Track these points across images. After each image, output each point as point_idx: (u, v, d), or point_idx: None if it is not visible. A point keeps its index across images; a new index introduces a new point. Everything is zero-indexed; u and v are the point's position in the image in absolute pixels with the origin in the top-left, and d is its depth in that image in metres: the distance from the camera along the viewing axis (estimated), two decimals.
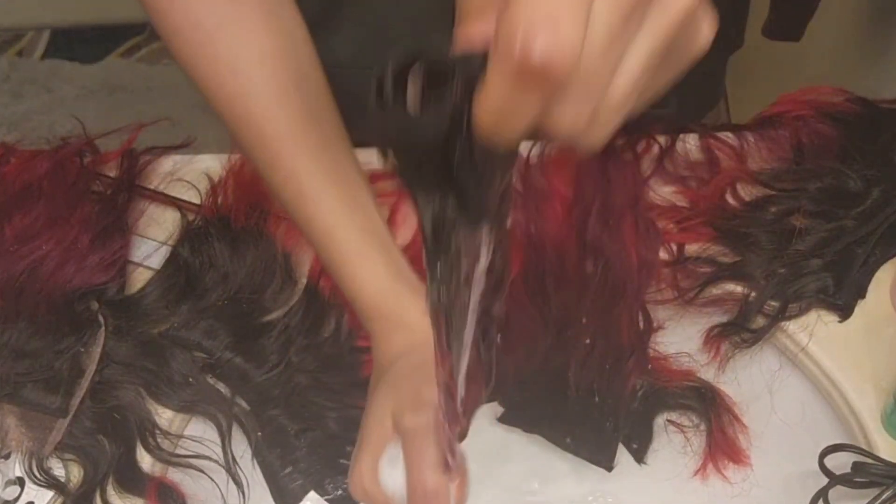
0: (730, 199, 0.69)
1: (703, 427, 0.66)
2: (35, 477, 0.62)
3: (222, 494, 0.63)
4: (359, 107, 0.55)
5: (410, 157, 0.32)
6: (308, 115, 0.57)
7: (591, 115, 0.31)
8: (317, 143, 0.58)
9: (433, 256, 0.36)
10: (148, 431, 0.63)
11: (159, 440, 0.63)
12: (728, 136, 0.72)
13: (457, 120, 0.30)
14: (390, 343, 0.58)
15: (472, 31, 0.31)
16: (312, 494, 0.65)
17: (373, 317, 0.59)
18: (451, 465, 0.51)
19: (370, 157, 0.72)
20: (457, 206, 0.33)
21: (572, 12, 0.28)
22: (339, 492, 0.65)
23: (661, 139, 0.71)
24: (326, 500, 0.65)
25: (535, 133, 0.31)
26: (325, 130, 0.59)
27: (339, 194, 0.58)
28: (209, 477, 0.63)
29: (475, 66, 0.29)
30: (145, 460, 0.63)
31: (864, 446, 0.61)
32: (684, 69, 0.35)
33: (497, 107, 0.29)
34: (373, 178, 0.71)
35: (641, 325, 0.66)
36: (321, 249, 0.59)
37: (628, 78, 0.32)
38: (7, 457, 0.62)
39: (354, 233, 0.58)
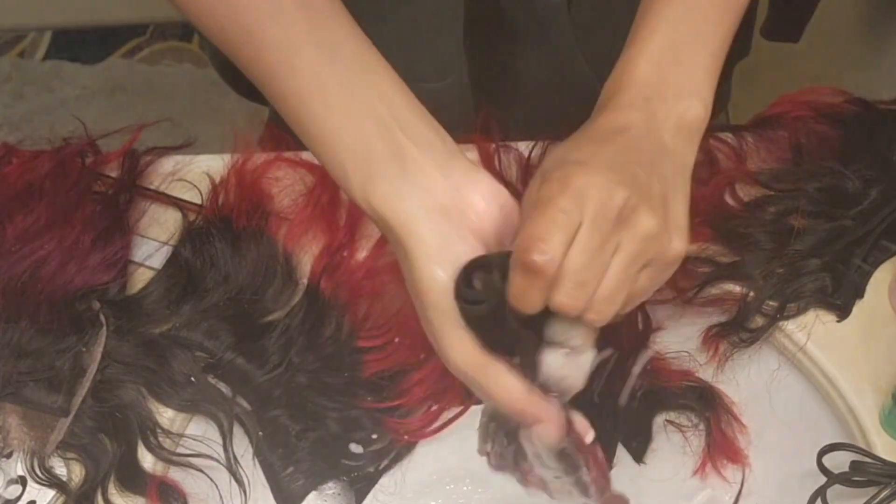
0: (729, 200, 0.69)
1: (701, 427, 0.66)
2: (37, 476, 0.62)
3: (222, 495, 0.63)
4: None
5: (480, 326, 0.48)
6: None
7: (587, 303, 0.45)
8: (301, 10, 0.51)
9: None
10: (149, 430, 0.63)
11: (161, 439, 0.64)
12: (727, 137, 0.72)
13: (500, 298, 0.46)
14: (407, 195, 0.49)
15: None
16: (313, 494, 0.65)
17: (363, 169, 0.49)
18: None
19: None
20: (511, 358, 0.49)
21: (557, 236, 0.44)
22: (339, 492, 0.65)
23: None
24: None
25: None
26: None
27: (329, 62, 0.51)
28: (209, 477, 0.64)
29: (507, 264, 0.46)
30: (147, 459, 0.63)
31: (862, 445, 0.61)
32: (666, 275, 0.49)
33: (516, 291, 0.45)
34: None
35: (640, 324, 0.66)
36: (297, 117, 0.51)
37: (611, 280, 0.46)
38: (9, 456, 0.62)
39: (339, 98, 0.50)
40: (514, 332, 0.47)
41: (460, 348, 0.48)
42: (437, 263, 0.47)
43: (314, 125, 0.50)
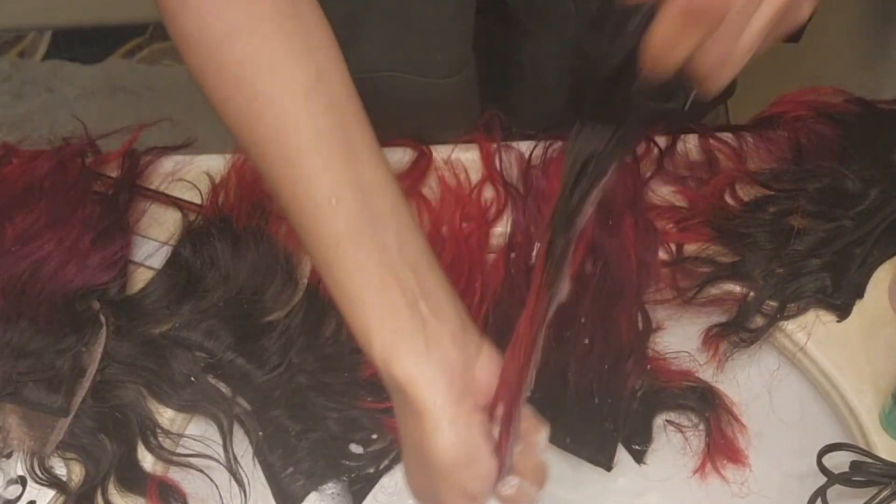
0: (729, 200, 0.69)
1: (702, 427, 0.66)
2: (37, 476, 0.62)
3: (222, 495, 0.63)
4: (386, 110, 0.55)
5: (596, 80, 0.44)
6: (327, 116, 0.49)
7: (728, 55, 0.42)
8: (338, 143, 0.49)
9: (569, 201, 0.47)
10: (149, 431, 0.63)
11: (160, 439, 0.64)
12: (727, 137, 0.72)
13: (633, 50, 0.42)
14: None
15: None
16: (314, 495, 0.65)
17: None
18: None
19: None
20: (616, 137, 0.45)
21: None
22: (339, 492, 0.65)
23: (661, 140, 0.72)
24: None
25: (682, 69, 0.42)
26: (348, 128, 0.50)
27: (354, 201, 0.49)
28: (209, 477, 0.64)
29: (648, 14, 0.41)
30: (146, 459, 0.63)
31: (862, 445, 0.61)
32: (790, 33, 0.45)
33: (663, 42, 0.41)
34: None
35: (640, 325, 0.66)
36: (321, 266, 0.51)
37: (755, 31, 0.42)
38: (9, 456, 0.63)
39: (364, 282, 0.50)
40: (620, 101, 0.45)
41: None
42: (454, 439, 0.49)
43: (343, 271, 0.49)
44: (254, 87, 0.49)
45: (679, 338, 0.67)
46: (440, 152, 0.73)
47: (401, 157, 0.73)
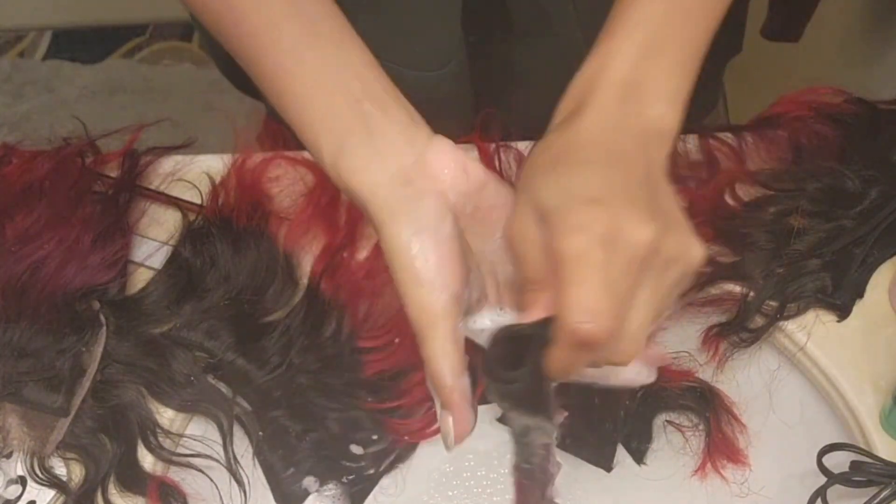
0: (729, 200, 0.69)
1: (701, 427, 0.66)
2: (37, 476, 0.62)
3: (222, 495, 0.63)
4: None
5: (511, 396, 0.48)
6: None
7: (615, 349, 0.45)
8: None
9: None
10: (149, 430, 0.63)
11: (160, 439, 0.64)
12: (727, 137, 0.72)
13: (537, 370, 0.46)
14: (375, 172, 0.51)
15: (536, 303, 0.46)
16: (314, 496, 0.65)
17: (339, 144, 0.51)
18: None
19: None
20: (536, 419, 0.49)
21: (606, 301, 0.43)
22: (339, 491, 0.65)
23: None
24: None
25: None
26: None
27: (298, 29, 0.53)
28: (209, 477, 0.64)
29: (545, 333, 0.45)
30: (146, 459, 0.63)
31: (862, 445, 0.61)
32: (687, 284, 0.48)
33: (562, 364, 0.45)
34: None
35: None
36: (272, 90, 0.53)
37: (644, 319, 0.46)
38: (9, 456, 0.63)
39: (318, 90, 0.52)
40: (542, 395, 0.48)
41: (420, 306, 0.49)
42: (403, 225, 0.49)
43: (292, 101, 0.52)
44: None
45: (679, 338, 0.67)
46: None
47: None
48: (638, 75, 0.50)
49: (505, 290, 0.54)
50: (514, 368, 0.47)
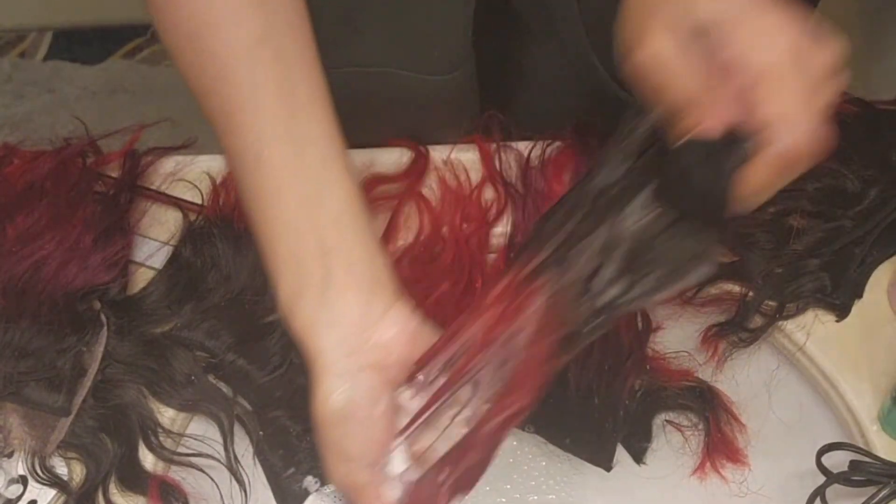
0: None
1: (701, 426, 0.66)
2: (38, 475, 0.62)
3: (223, 495, 0.63)
4: (382, 107, 0.56)
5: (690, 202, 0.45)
6: (267, 71, 0.51)
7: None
8: (274, 97, 0.51)
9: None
10: (150, 430, 0.64)
11: (161, 439, 0.64)
12: None
13: (726, 190, 0.43)
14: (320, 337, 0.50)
15: (712, 120, 0.43)
16: (314, 495, 0.65)
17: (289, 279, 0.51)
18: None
19: (371, 158, 0.72)
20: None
21: (808, 114, 0.42)
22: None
23: None
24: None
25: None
26: (290, 83, 0.51)
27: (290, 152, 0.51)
28: (210, 477, 0.64)
29: (739, 149, 0.42)
30: (147, 459, 0.63)
31: (861, 445, 0.61)
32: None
33: (757, 188, 0.43)
34: (375, 182, 0.71)
35: (640, 324, 0.66)
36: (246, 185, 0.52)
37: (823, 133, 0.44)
38: (10, 455, 0.63)
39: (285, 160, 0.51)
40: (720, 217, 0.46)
41: (344, 479, 0.50)
42: (339, 393, 0.49)
43: (263, 221, 0.51)
44: (201, 42, 0.51)
45: (678, 337, 0.67)
46: (439, 153, 0.73)
47: (398, 157, 0.73)
48: None
49: None
50: (704, 184, 0.44)
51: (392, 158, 0.73)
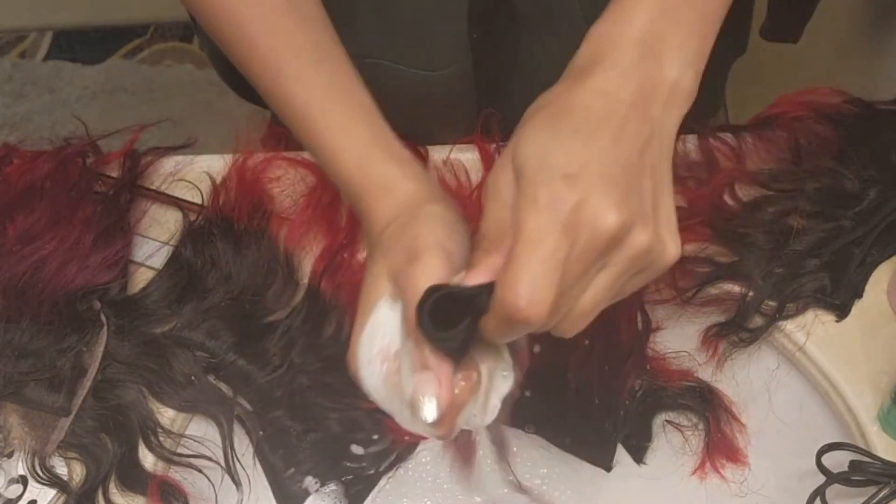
0: (728, 200, 0.69)
1: (701, 426, 0.66)
2: (38, 475, 0.62)
3: (222, 495, 0.63)
4: (376, 102, 0.56)
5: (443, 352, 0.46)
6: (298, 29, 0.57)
7: (561, 322, 0.45)
8: (294, 24, 0.57)
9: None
10: (150, 430, 0.64)
11: (161, 439, 0.64)
12: (726, 137, 0.72)
13: (471, 333, 0.45)
14: (378, 214, 0.53)
15: (483, 265, 0.44)
16: (314, 496, 0.65)
17: (357, 191, 0.54)
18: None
19: None
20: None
21: (548, 288, 0.41)
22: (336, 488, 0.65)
23: None
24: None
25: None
26: (305, 13, 0.58)
27: (317, 72, 0.56)
28: (208, 477, 0.64)
29: (484, 299, 0.43)
30: (147, 459, 0.63)
31: (861, 445, 0.61)
32: (656, 276, 0.46)
33: (495, 334, 0.44)
34: None
35: (640, 325, 0.66)
36: (300, 129, 0.56)
37: (591, 298, 0.44)
38: (10, 455, 0.63)
39: (332, 106, 0.55)
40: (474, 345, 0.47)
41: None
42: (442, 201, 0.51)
43: (316, 138, 0.55)
44: (236, 16, 0.56)
45: (678, 337, 0.67)
46: (438, 153, 0.73)
47: None
48: (655, 34, 0.48)
49: None
50: (449, 328, 0.45)
51: None
